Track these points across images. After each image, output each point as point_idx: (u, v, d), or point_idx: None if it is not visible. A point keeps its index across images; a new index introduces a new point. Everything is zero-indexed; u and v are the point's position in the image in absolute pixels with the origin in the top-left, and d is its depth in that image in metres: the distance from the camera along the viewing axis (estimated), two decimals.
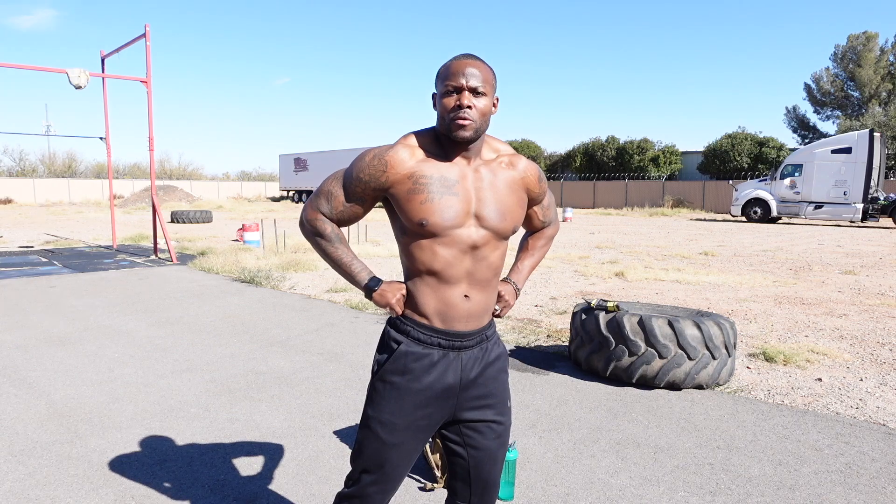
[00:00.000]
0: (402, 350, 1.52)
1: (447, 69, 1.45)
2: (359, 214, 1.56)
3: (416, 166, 1.46)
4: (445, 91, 1.44)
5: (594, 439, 3.18)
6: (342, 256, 1.57)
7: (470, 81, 1.42)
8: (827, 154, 20.72)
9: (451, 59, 1.47)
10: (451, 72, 1.43)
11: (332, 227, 1.56)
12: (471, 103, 1.41)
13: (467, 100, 1.41)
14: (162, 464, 2.86)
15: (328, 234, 1.56)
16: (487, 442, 1.61)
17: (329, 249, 1.56)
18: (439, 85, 1.46)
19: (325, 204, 1.55)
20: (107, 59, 11.63)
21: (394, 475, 1.57)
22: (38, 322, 5.76)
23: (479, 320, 1.56)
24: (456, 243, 1.46)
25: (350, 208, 1.53)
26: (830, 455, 2.99)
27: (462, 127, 1.42)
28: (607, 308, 4.07)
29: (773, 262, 10.41)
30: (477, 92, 1.43)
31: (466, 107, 1.40)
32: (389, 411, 1.52)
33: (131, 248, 12.33)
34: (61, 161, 54.20)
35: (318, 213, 1.55)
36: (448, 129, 1.44)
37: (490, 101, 1.46)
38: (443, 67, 1.47)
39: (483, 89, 1.43)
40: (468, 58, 1.46)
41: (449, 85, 1.43)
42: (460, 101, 1.41)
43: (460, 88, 1.42)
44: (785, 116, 42.67)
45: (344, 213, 1.54)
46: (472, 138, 1.44)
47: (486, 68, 1.46)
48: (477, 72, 1.43)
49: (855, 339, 5.21)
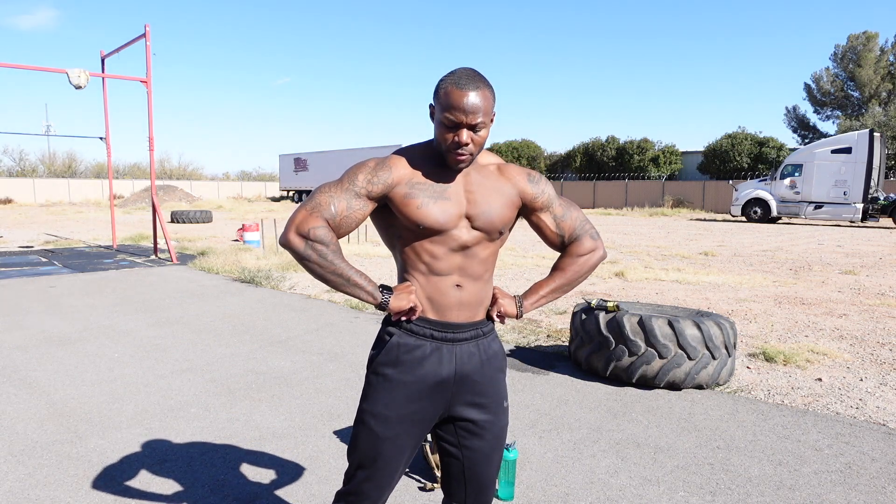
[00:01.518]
0: (395, 341, 1.54)
1: (448, 98, 1.42)
2: (359, 221, 1.54)
3: (412, 173, 1.51)
4: (445, 124, 1.44)
5: (594, 439, 3.18)
6: (345, 269, 1.46)
7: (470, 119, 1.42)
8: (827, 154, 20.72)
9: (451, 83, 1.43)
10: (452, 103, 1.41)
11: (333, 235, 1.48)
12: (470, 140, 1.44)
13: (466, 137, 1.43)
14: (162, 464, 2.86)
15: (331, 242, 1.45)
16: (482, 442, 1.61)
17: (331, 259, 1.45)
18: (438, 108, 1.45)
19: (327, 209, 1.47)
20: (107, 59, 11.64)
21: (388, 470, 1.56)
22: (38, 322, 5.76)
23: (472, 311, 1.57)
24: (448, 242, 1.51)
25: (353, 213, 1.51)
26: (830, 455, 2.99)
27: (460, 162, 1.48)
28: (607, 308, 4.07)
29: (773, 262, 10.41)
30: (477, 128, 1.44)
31: (465, 144, 1.44)
32: (383, 404, 1.53)
33: (131, 248, 12.34)
34: (61, 161, 54.25)
35: (321, 220, 1.46)
36: (445, 157, 1.49)
37: (488, 128, 1.48)
38: (443, 90, 1.43)
39: (482, 121, 1.44)
40: (470, 86, 1.41)
41: (450, 118, 1.42)
42: (459, 139, 1.43)
43: (460, 125, 1.43)
44: (785, 116, 42.72)
45: (347, 218, 1.51)
46: (468, 166, 1.51)
47: (487, 94, 1.44)
48: (478, 104, 1.41)
49: (855, 339, 5.21)
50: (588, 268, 1.68)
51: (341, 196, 1.49)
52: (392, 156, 1.56)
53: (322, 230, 1.44)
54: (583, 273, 1.68)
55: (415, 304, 1.51)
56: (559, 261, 1.70)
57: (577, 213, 1.68)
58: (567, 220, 1.66)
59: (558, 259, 1.71)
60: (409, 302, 1.51)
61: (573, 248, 1.68)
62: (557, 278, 1.68)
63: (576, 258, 1.67)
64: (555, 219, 1.65)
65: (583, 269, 1.68)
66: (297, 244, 1.43)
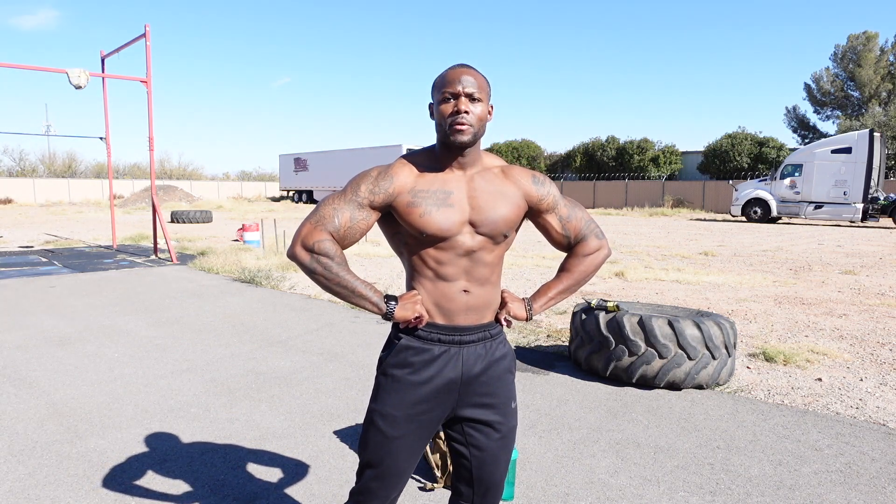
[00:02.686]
0: (403, 344, 1.56)
1: (443, 78, 1.50)
2: (363, 231, 1.55)
3: (414, 181, 1.52)
4: (443, 98, 1.49)
5: (594, 439, 3.18)
6: (350, 281, 1.49)
7: (466, 88, 1.47)
8: (827, 154, 20.72)
9: (446, 70, 1.52)
10: (447, 80, 1.48)
11: (338, 247, 1.50)
12: (468, 108, 1.47)
13: (464, 105, 1.46)
14: (162, 464, 2.86)
15: (336, 255, 1.48)
16: (490, 442, 1.62)
17: (336, 271, 1.47)
18: (436, 94, 1.51)
19: (331, 222, 1.49)
20: (107, 59, 11.64)
21: (396, 471, 1.57)
22: (38, 322, 5.76)
23: (480, 314, 1.57)
24: (453, 248, 1.52)
25: (357, 224, 1.52)
26: (830, 455, 2.99)
27: (461, 131, 1.47)
28: (607, 308, 4.07)
29: (773, 262, 10.41)
30: (473, 98, 1.48)
31: (464, 112, 1.46)
32: (391, 404, 1.55)
33: (131, 248, 12.34)
34: (61, 161, 54.25)
35: (325, 233, 1.48)
36: (446, 134, 1.49)
37: (486, 107, 1.52)
38: (438, 77, 1.52)
39: (479, 95, 1.48)
40: (463, 67, 1.50)
41: (446, 92, 1.48)
42: (458, 107, 1.46)
43: (457, 95, 1.47)
44: (785, 116, 42.71)
45: (351, 228, 1.52)
46: (470, 142, 1.49)
47: (481, 77, 1.52)
48: (472, 79, 1.48)
49: (855, 339, 5.21)
50: (595, 267, 1.70)
51: (345, 207, 1.51)
52: (395, 163, 1.56)
53: (327, 243, 1.47)
54: (590, 272, 1.70)
55: (420, 313, 1.52)
56: (566, 261, 1.71)
57: (582, 213, 1.70)
58: (573, 220, 1.67)
59: (565, 260, 1.72)
60: (414, 312, 1.52)
61: (579, 248, 1.69)
62: (565, 279, 1.69)
63: (582, 258, 1.69)
64: (561, 220, 1.66)
65: (590, 269, 1.69)
66: (303, 258, 1.48)
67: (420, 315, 1.52)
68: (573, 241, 1.69)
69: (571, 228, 1.67)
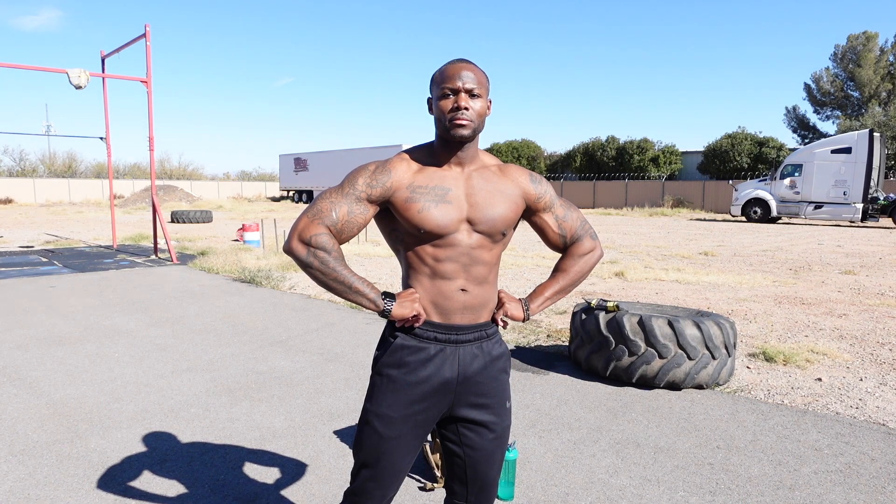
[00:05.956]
0: (399, 343, 1.55)
1: (442, 73, 1.50)
2: (361, 225, 1.54)
3: (412, 177, 1.52)
4: (442, 94, 1.49)
5: (594, 439, 3.18)
6: (347, 276, 1.47)
7: (466, 84, 1.47)
8: (827, 154, 20.71)
9: (445, 65, 1.51)
10: (446, 75, 1.48)
11: (335, 242, 1.49)
12: (468, 104, 1.47)
13: (464, 101, 1.46)
14: (162, 464, 2.87)
15: (333, 249, 1.46)
16: (484, 442, 1.62)
17: (333, 266, 1.46)
18: (435, 89, 1.51)
19: (328, 216, 1.48)
20: (107, 59, 11.64)
21: (391, 471, 1.57)
22: (38, 322, 5.76)
23: (477, 314, 1.57)
24: (451, 246, 1.51)
25: (355, 218, 1.51)
26: (830, 455, 3.00)
27: (461, 126, 1.47)
28: (607, 308, 4.07)
29: (773, 262, 10.41)
30: (473, 94, 1.48)
31: (464, 108, 1.46)
32: (386, 404, 1.54)
33: (131, 248, 12.33)
34: (61, 161, 54.23)
35: (322, 227, 1.47)
36: (446, 129, 1.48)
37: (485, 102, 1.52)
38: (437, 72, 1.52)
39: (478, 91, 1.48)
40: (462, 62, 1.50)
41: (446, 88, 1.48)
42: (458, 103, 1.46)
43: (457, 90, 1.47)
44: (785, 116, 42.67)
45: (349, 223, 1.51)
46: (469, 137, 1.49)
47: (480, 72, 1.51)
48: (472, 75, 1.48)
49: (855, 339, 5.21)
50: (589, 267, 1.73)
51: (342, 201, 1.50)
52: (393, 158, 1.56)
53: (324, 237, 1.46)
54: (584, 273, 1.72)
55: (418, 311, 1.51)
56: (561, 262, 1.72)
57: (577, 214, 1.71)
58: (568, 220, 1.69)
59: (560, 260, 1.73)
60: (412, 310, 1.51)
61: (575, 248, 1.71)
62: (561, 279, 1.71)
63: (578, 258, 1.71)
64: (557, 219, 1.67)
65: (585, 269, 1.72)
66: (299, 251, 1.46)
67: (418, 313, 1.52)
68: (569, 241, 1.71)
69: (567, 228, 1.69)
